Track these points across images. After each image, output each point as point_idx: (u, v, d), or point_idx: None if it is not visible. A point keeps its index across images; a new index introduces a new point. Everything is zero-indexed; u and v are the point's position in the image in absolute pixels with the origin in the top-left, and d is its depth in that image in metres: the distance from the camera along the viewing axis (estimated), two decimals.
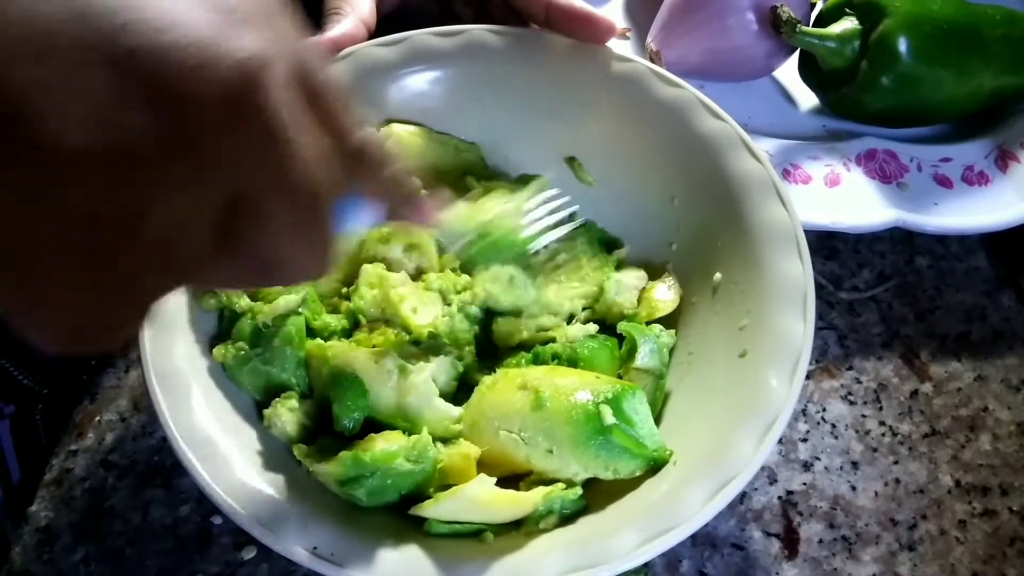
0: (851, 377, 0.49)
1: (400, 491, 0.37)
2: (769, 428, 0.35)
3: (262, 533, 0.33)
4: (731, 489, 0.33)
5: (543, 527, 0.36)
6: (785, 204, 0.41)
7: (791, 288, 0.39)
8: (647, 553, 0.33)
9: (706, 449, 0.36)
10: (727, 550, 0.42)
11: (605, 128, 0.47)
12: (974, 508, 0.44)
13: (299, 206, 0.23)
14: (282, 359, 0.39)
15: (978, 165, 0.55)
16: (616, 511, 0.36)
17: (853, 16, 0.55)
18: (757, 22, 0.55)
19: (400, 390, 0.39)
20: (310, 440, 0.39)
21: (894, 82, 0.53)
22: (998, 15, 0.55)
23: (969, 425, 0.47)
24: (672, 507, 0.34)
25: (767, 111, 0.59)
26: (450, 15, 0.55)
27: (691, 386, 0.41)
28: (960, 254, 0.55)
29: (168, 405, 0.36)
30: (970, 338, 0.51)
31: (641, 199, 0.46)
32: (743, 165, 0.42)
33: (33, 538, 0.42)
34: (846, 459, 0.46)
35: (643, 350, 0.41)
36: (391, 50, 0.46)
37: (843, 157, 0.54)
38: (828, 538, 0.43)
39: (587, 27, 0.46)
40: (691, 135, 0.44)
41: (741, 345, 0.39)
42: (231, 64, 0.20)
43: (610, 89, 0.46)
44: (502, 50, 0.47)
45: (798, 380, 0.36)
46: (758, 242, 0.41)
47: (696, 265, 0.44)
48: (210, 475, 0.34)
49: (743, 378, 0.38)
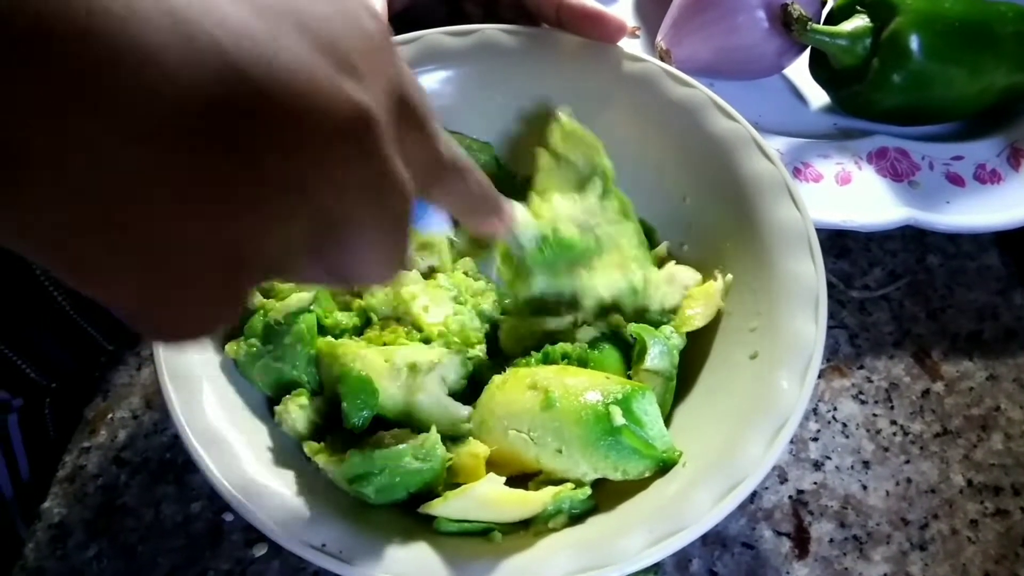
0: (862, 376, 0.49)
1: (408, 489, 0.37)
2: (779, 430, 0.35)
3: (271, 530, 0.33)
4: (741, 491, 0.33)
5: (552, 527, 0.36)
6: (797, 205, 0.41)
7: (803, 289, 0.38)
8: (656, 554, 0.32)
9: (716, 450, 0.36)
10: (737, 549, 0.42)
11: (617, 128, 0.47)
12: (986, 508, 0.44)
13: (387, 227, 0.25)
14: (293, 356, 0.39)
15: (990, 163, 0.55)
16: (625, 512, 0.36)
17: (864, 14, 0.54)
18: (768, 20, 0.55)
19: (409, 388, 0.39)
20: (320, 437, 0.39)
21: (905, 80, 0.53)
22: (1010, 12, 0.55)
23: (981, 424, 0.47)
24: (681, 508, 0.34)
25: (778, 109, 0.59)
26: (459, 15, 0.56)
27: (701, 387, 0.41)
28: (972, 253, 0.54)
29: (180, 401, 0.36)
30: (982, 337, 0.51)
31: (653, 199, 0.46)
32: (755, 165, 0.42)
33: (46, 535, 0.42)
34: (857, 458, 0.46)
35: (653, 351, 0.40)
36: (404, 49, 0.47)
37: (854, 155, 0.54)
38: (839, 537, 0.43)
39: (599, 26, 0.46)
40: (703, 135, 0.44)
41: (752, 346, 0.39)
42: (345, 102, 0.21)
43: (622, 89, 0.46)
44: (514, 49, 0.47)
45: (809, 382, 0.36)
46: (770, 243, 0.40)
47: (707, 266, 0.44)
48: (220, 471, 0.34)
49: (754, 379, 0.37)
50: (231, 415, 0.37)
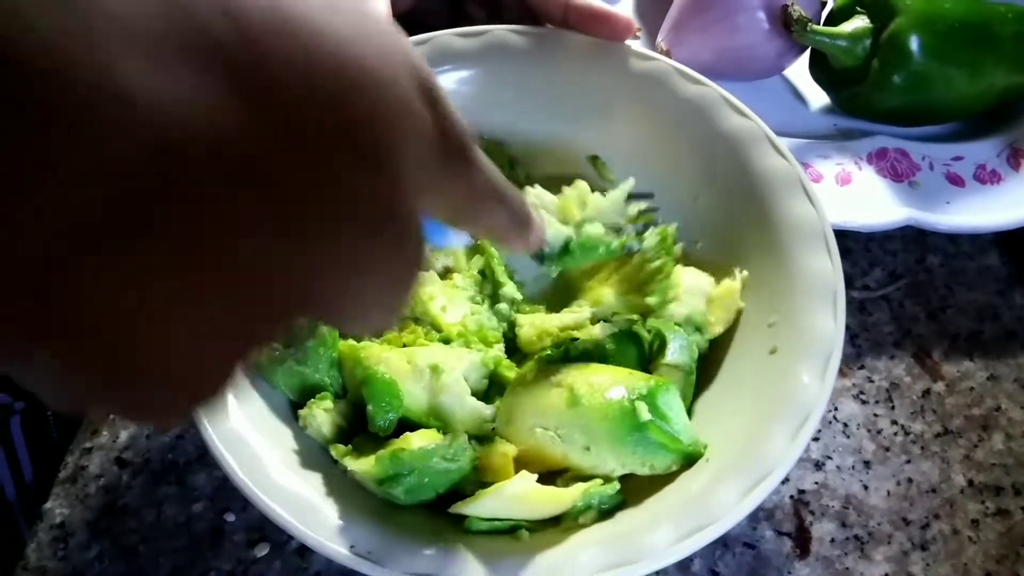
0: (863, 376, 0.49)
1: (437, 489, 0.37)
2: (802, 425, 0.35)
3: (301, 532, 0.33)
4: (766, 486, 0.33)
5: (582, 522, 0.36)
6: (812, 200, 0.41)
7: (821, 285, 0.38)
8: (684, 550, 0.32)
9: (740, 445, 0.36)
10: (739, 549, 0.42)
11: (629, 127, 0.47)
12: (987, 508, 0.44)
13: (395, 274, 0.23)
14: (316, 360, 0.40)
15: (990, 164, 0.55)
16: (652, 507, 0.36)
17: (864, 15, 0.54)
18: (768, 21, 0.55)
19: (433, 390, 0.39)
20: (345, 440, 0.39)
21: (905, 81, 0.53)
22: (1010, 13, 0.55)
23: (982, 424, 0.47)
24: (708, 503, 0.34)
25: (778, 110, 0.59)
26: (462, 16, 0.56)
27: (721, 382, 0.41)
28: (972, 253, 0.54)
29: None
30: (982, 337, 0.51)
31: (665, 197, 0.46)
32: (769, 162, 0.42)
33: (48, 535, 0.42)
34: (858, 458, 0.46)
35: (673, 346, 0.40)
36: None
37: (854, 156, 0.54)
38: (840, 537, 0.43)
39: (606, 26, 0.46)
40: (716, 133, 0.44)
41: (771, 342, 0.39)
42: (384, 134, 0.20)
43: (634, 88, 0.46)
44: (525, 50, 0.47)
45: (830, 377, 0.36)
46: (786, 239, 0.40)
47: (722, 263, 0.44)
48: (247, 475, 0.34)
49: (774, 375, 0.37)
50: (255, 419, 0.37)
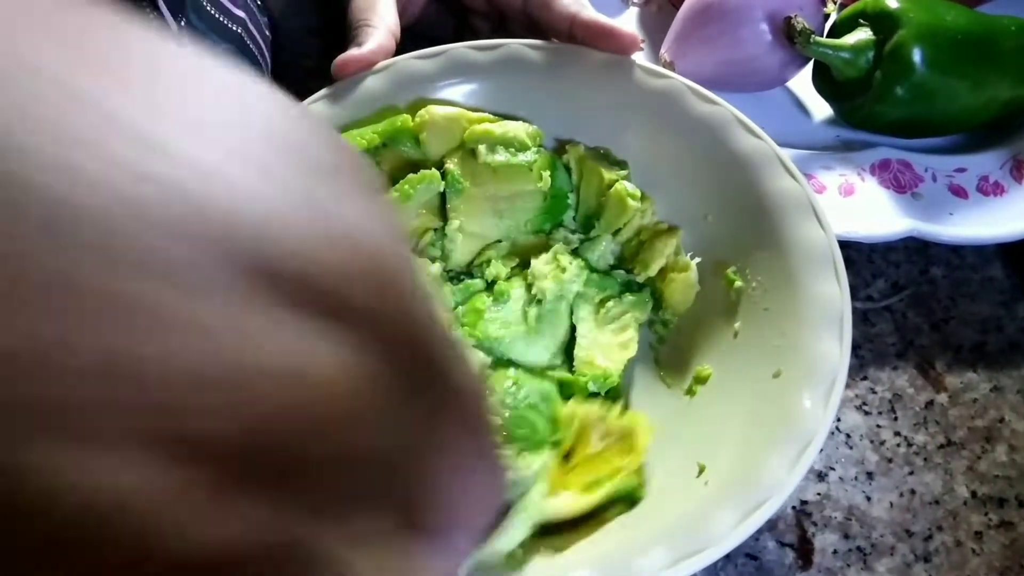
0: (866, 387, 0.49)
1: None
2: (803, 451, 0.34)
3: None
4: (763, 512, 0.33)
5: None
6: (822, 224, 0.40)
7: (827, 309, 0.38)
8: (677, 573, 0.32)
9: (738, 469, 0.36)
10: (741, 560, 0.42)
11: (640, 144, 0.47)
12: (990, 520, 0.44)
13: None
14: None
15: (993, 175, 0.55)
16: (645, 527, 0.36)
17: (867, 27, 0.55)
18: (771, 32, 0.55)
19: None
20: None
21: (908, 92, 0.53)
22: (1013, 26, 0.55)
23: (985, 436, 0.47)
24: (703, 527, 0.34)
25: (781, 121, 0.59)
26: (467, 29, 0.56)
27: (721, 402, 0.41)
28: (975, 264, 0.54)
29: None
30: (986, 348, 0.51)
31: (674, 216, 0.46)
32: (779, 183, 0.42)
33: None
34: (861, 469, 0.46)
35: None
36: (430, 63, 0.47)
37: (857, 167, 0.54)
38: (843, 548, 0.43)
39: (611, 41, 0.47)
40: (727, 152, 0.44)
41: (774, 365, 0.38)
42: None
43: (646, 104, 0.46)
44: (539, 64, 0.48)
45: (833, 404, 0.36)
46: (794, 262, 0.40)
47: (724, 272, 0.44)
48: None
49: (776, 398, 0.37)
50: None
